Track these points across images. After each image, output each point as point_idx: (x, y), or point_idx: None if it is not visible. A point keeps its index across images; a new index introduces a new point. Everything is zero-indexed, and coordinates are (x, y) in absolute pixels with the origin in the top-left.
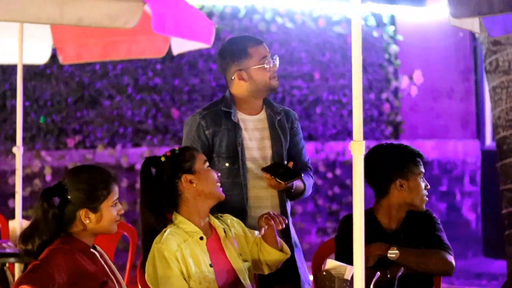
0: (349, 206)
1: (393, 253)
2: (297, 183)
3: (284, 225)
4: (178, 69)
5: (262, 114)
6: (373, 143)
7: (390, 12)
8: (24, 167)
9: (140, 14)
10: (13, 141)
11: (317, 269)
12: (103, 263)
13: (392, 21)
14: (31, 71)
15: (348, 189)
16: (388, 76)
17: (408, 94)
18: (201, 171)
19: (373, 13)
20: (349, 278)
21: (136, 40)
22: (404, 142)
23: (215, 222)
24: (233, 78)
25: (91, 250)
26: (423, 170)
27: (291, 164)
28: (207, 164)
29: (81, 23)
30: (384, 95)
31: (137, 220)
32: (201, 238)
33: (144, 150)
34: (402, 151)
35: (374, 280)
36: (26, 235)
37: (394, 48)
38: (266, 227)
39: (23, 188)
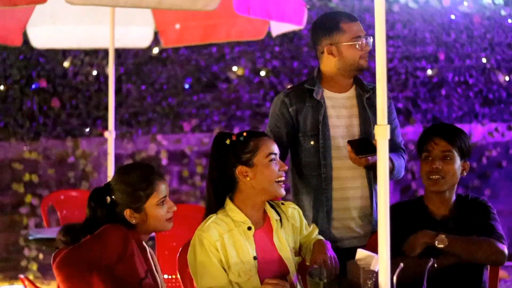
0: (474, 189)
1: (440, 241)
2: None
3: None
4: (297, 51)
5: (351, 92)
6: (501, 125)
7: None
8: (139, 151)
9: None
10: (129, 125)
11: None
12: (151, 260)
13: None
14: (146, 55)
15: (474, 173)
16: None
17: None
18: (259, 165)
19: None
20: (375, 269)
21: (235, 23)
22: None
23: (270, 212)
24: (322, 52)
25: (144, 244)
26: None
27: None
28: (272, 157)
29: (160, 6)
30: None
31: None
32: (249, 228)
33: None
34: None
35: (397, 271)
36: (70, 229)
37: None
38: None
39: None
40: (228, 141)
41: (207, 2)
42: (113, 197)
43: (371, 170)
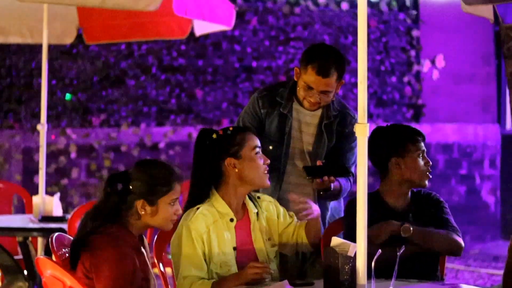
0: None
1: (405, 231)
2: (335, 185)
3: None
4: (202, 50)
5: (318, 111)
6: None
7: None
8: (49, 144)
9: None
10: (39, 119)
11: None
12: (148, 261)
13: (415, 5)
14: (57, 50)
15: (368, 170)
16: (410, 60)
17: (429, 77)
18: (247, 157)
19: None
20: (352, 255)
21: (159, 21)
22: (425, 125)
23: (249, 205)
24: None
25: (141, 249)
26: (422, 148)
27: (319, 163)
28: (257, 150)
29: (104, 5)
30: (405, 79)
31: None
32: (231, 220)
33: (167, 129)
34: (399, 131)
35: (375, 257)
36: (93, 215)
37: (416, 32)
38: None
39: (48, 165)
40: (215, 136)
41: (148, 3)
42: (130, 186)
43: (322, 198)
